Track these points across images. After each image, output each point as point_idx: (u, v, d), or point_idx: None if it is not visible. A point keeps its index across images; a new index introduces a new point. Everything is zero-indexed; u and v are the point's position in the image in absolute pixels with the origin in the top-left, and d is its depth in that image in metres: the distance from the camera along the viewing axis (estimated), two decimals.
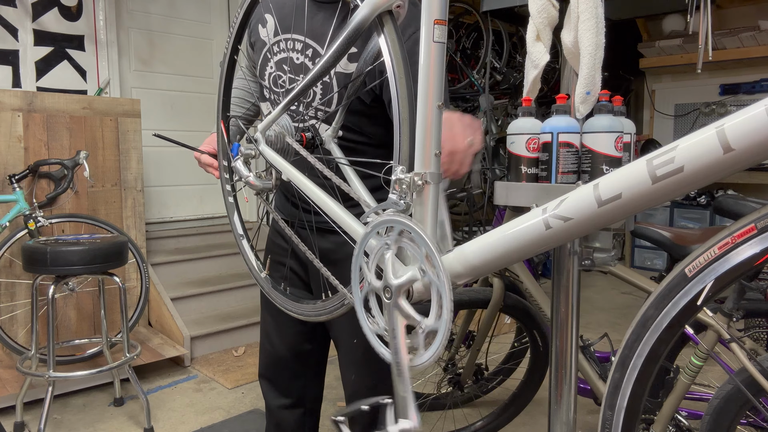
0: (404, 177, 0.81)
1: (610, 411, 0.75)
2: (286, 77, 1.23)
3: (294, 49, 1.22)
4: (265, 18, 1.26)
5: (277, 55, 1.24)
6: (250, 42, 1.32)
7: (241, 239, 1.26)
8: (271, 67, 1.25)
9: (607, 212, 0.64)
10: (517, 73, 4.52)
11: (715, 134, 0.56)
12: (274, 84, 1.25)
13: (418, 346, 0.81)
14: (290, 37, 1.22)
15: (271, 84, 1.26)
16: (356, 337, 1.30)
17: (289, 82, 1.23)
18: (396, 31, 0.86)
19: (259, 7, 1.25)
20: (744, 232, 0.63)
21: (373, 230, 0.84)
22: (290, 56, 1.22)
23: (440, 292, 0.76)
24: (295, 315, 1.12)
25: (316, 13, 1.20)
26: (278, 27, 1.23)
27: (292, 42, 1.22)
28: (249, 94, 1.43)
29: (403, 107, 0.84)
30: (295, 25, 1.21)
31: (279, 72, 1.24)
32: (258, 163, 1.18)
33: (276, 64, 1.24)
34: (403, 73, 0.84)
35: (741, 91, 4.67)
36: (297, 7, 1.22)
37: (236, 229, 1.27)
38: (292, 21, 1.21)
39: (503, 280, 1.85)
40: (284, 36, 1.22)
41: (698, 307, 0.67)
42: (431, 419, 2.23)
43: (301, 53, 1.21)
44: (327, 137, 1.18)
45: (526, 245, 0.72)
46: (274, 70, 1.25)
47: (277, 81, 1.25)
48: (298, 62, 1.21)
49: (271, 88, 1.26)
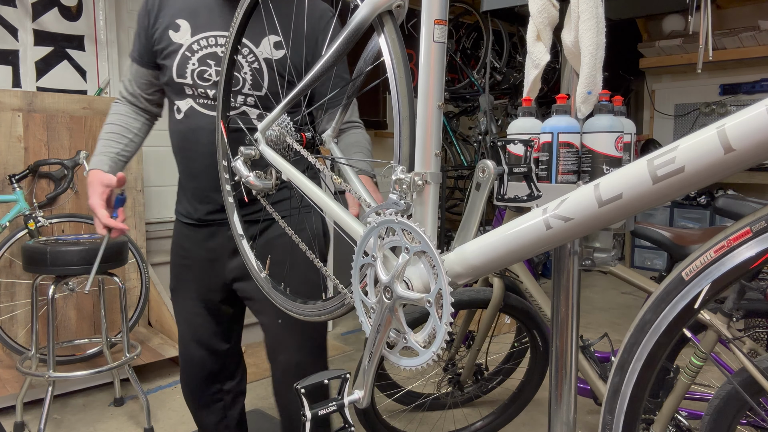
0: (404, 177, 0.81)
1: (609, 415, 0.75)
2: (212, 70, 1.34)
3: (217, 44, 1.33)
4: (176, 23, 1.34)
5: (198, 53, 1.33)
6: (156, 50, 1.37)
7: (241, 239, 1.26)
8: (193, 64, 1.33)
9: (607, 212, 0.64)
10: (517, 73, 4.52)
11: (715, 134, 0.56)
12: (200, 78, 1.33)
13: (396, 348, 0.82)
14: (210, 35, 1.33)
15: (195, 79, 1.33)
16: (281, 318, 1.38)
17: (216, 74, 1.34)
18: (396, 31, 0.86)
19: (164, 14, 1.35)
20: (740, 235, 0.63)
21: (373, 230, 0.84)
22: (215, 51, 1.33)
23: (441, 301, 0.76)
24: (296, 315, 1.12)
25: (231, 9, 1.32)
26: (194, 28, 1.33)
27: (214, 38, 1.33)
28: (126, 129, 1.47)
29: (403, 107, 0.84)
30: (212, 24, 1.33)
31: (203, 67, 1.33)
32: None
33: (199, 60, 1.33)
34: (403, 73, 0.84)
35: (741, 91, 4.67)
36: (209, 8, 1.35)
37: (236, 230, 1.27)
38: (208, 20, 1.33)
39: (503, 280, 1.85)
40: (204, 35, 1.33)
41: (695, 310, 0.67)
42: (431, 419, 2.23)
43: (224, 47, 1.30)
44: (327, 137, 1.18)
45: (526, 245, 0.71)
46: (197, 67, 1.33)
47: (203, 75, 1.33)
48: (222, 55, 1.31)
49: (195, 83, 1.34)
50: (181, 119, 1.38)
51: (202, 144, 1.36)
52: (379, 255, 0.84)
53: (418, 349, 0.81)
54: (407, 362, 0.83)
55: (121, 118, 1.48)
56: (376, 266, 0.85)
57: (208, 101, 1.36)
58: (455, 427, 2.15)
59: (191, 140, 1.37)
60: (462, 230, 0.82)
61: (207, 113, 1.36)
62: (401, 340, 0.85)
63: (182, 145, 1.41)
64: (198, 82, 1.34)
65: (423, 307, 0.79)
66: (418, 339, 0.82)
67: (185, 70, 1.33)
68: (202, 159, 1.37)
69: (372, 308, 0.87)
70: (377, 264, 0.84)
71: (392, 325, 0.84)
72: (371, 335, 0.86)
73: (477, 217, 0.80)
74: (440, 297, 0.76)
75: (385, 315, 0.83)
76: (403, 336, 0.84)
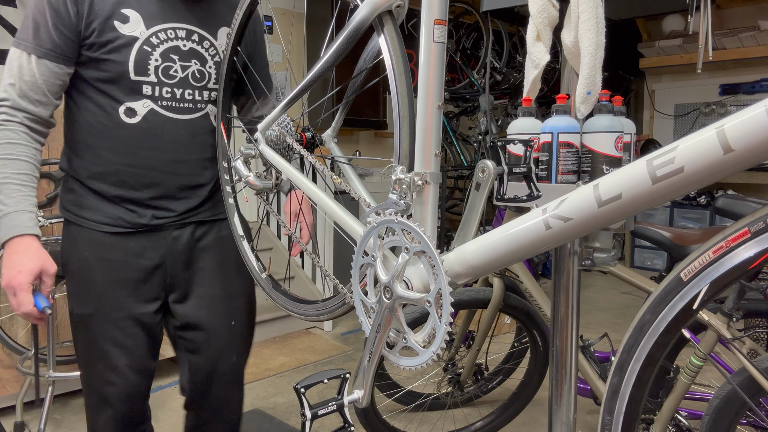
0: (404, 177, 0.81)
1: (609, 416, 0.75)
2: (178, 65, 1.22)
3: (178, 37, 1.22)
4: (122, 14, 1.16)
5: (159, 47, 1.19)
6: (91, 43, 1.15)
7: (241, 240, 1.26)
8: (156, 60, 1.19)
9: (607, 212, 0.64)
10: (517, 73, 4.52)
11: (715, 135, 0.56)
12: (165, 75, 1.21)
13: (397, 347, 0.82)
14: (168, 27, 1.20)
15: (160, 76, 1.20)
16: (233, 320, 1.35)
17: (181, 70, 1.22)
18: (396, 30, 0.86)
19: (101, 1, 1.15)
20: (738, 236, 0.63)
21: (372, 230, 0.84)
22: (177, 45, 1.21)
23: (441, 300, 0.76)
24: (296, 315, 1.12)
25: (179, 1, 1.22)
26: (147, 20, 1.18)
27: (173, 31, 1.21)
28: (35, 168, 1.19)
29: (403, 106, 0.84)
30: (166, 15, 1.20)
31: (168, 63, 1.21)
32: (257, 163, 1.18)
33: (162, 55, 1.20)
34: (403, 73, 0.84)
35: (741, 91, 4.67)
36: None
37: (236, 230, 1.27)
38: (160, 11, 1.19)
39: (503, 280, 1.85)
40: (161, 26, 1.20)
41: (694, 311, 0.67)
42: (431, 419, 2.23)
43: (187, 40, 1.23)
44: (327, 136, 1.18)
45: (526, 245, 0.72)
46: (160, 63, 1.20)
47: (168, 72, 1.21)
48: (186, 49, 1.22)
49: (160, 80, 1.20)
50: (135, 123, 1.20)
51: (163, 151, 1.23)
52: (379, 255, 0.84)
53: (417, 349, 0.81)
54: (407, 362, 0.84)
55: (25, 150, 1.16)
56: (375, 266, 0.85)
57: (173, 103, 1.23)
58: (455, 427, 2.15)
59: (148, 147, 1.21)
60: (462, 230, 0.82)
61: (171, 116, 1.23)
62: (401, 339, 0.85)
63: (134, 153, 1.21)
64: (163, 80, 1.20)
65: (423, 306, 0.79)
66: (417, 339, 0.82)
67: (147, 66, 1.18)
68: (162, 167, 1.23)
69: (372, 308, 0.87)
70: (377, 264, 0.84)
71: (392, 325, 0.84)
72: (371, 335, 0.86)
73: (477, 217, 0.80)
74: (440, 297, 0.76)
75: (384, 315, 0.83)
76: (402, 336, 0.84)
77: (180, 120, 1.24)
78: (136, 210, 1.24)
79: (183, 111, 1.24)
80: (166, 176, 1.24)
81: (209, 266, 1.33)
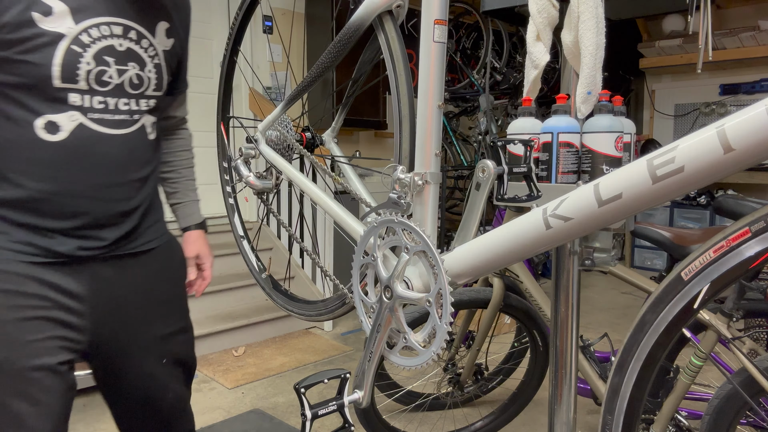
0: (404, 177, 0.81)
1: (609, 415, 0.76)
2: (113, 70, 0.99)
3: (113, 34, 0.99)
4: (44, 3, 0.93)
5: (91, 47, 0.97)
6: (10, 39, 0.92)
7: (241, 240, 1.26)
8: (87, 64, 0.96)
9: (607, 212, 0.64)
10: (517, 73, 4.52)
11: (715, 134, 0.56)
12: (98, 82, 0.98)
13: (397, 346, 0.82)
14: (101, 22, 0.98)
15: (92, 84, 0.98)
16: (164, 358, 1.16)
17: (117, 75, 1.00)
18: (396, 30, 0.86)
19: None
20: (739, 235, 0.63)
21: (373, 230, 0.84)
22: (112, 44, 0.99)
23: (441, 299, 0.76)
24: (296, 315, 1.12)
25: None
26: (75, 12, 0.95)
27: (107, 27, 0.99)
28: None
29: (403, 106, 0.84)
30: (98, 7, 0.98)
31: (102, 67, 0.98)
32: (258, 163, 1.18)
33: (95, 58, 0.97)
34: (403, 72, 0.84)
35: (741, 91, 4.67)
36: None
37: (237, 231, 1.27)
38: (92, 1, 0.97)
39: (503, 280, 1.85)
40: (93, 21, 0.97)
41: (695, 310, 0.67)
42: (431, 419, 2.23)
43: (123, 38, 1.01)
44: (327, 136, 1.19)
45: (526, 245, 0.72)
46: (93, 67, 0.97)
47: (101, 78, 0.98)
48: (122, 49, 1.01)
49: (92, 89, 0.98)
50: (59, 141, 0.97)
51: (94, 174, 1.00)
52: (379, 255, 0.84)
53: (418, 348, 0.81)
54: (407, 362, 0.84)
55: None
56: (376, 266, 0.85)
57: (107, 115, 1.00)
58: (455, 427, 2.15)
59: (76, 170, 0.99)
60: (462, 230, 0.82)
61: (104, 131, 1.00)
62: (401, 339, 0.85)
63: (54, 177, 0.98)
64: (95, 88, 0.98)
65: (423, 306, 0.79)
66: (418, 339, 0.82)
67: (76, 71, 0.95)
68: (92, 193, 1.01)
69: (372, 308, 0.87)
70: (377, 264, 0.85)
71: (392, 325, 0.84)
72: (371, 335, 0.86)
73: (477, 217, 0.81)
74: (440, 297, 0.76)
75: (385, 314, 0.83)
76: (403, 336, 0.84)
77: (115, 135, 1.02)
78: (55, 237, 1.00)
79: (118, 124, 1.02)
80: (96, 203, 1.01)
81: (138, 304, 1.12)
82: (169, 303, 1.17)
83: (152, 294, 1.13)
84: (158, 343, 1.14)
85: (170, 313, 1.17)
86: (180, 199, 1.26)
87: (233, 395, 2.63)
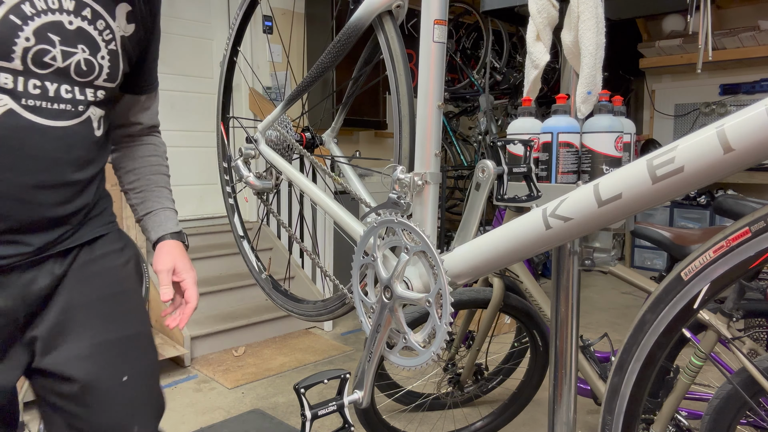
0: (404, 177, 0.81)
1: (609, 415, 0.76)
2: (57, 51, 0.83)
3: (63, 9, 0.84)
4: None
5: (33, 21, 0.81)
6: None
7: (241, 240, 1.26)
8: (26, 40, 0.80)
9: (607, 212, 0.64)
10: (517, 73, 4.52)
11: (715, 134, 0.56)
12: (36, 63, 0.82)
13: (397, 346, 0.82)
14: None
15: (29, 63, 0.81)
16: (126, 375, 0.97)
17: (62, 58, 0.84)
18: (396, 30, 0.86)
19: None
20: (739, 236, 0.63)
21: (373, 230, 0.84)
22: (60, 20, 0.84)
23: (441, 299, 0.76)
24: (296, 315, 1.12)
25: None
26: None
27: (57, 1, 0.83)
28: None
29: (403, 106, 0.84)
30: None
31: (43, 45, 0.82)
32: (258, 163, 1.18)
33: (36, 34, 0.81)
34: (403, 72, 0.84)
35: (741, 91, 4.67)
36: None
37: (237, 231, 1.27)
38: None
39: (503, 280, 1.85)
40: None
41: (695, 310, 0.67)
42: (431, 419, 2.23)
43: (75, 15, 0.85)
44: (327, 136, 1.19)
45: (526, 245, 0.72)
46: (33, 44, 0.81)
47: (42, 59, 0.82)
48: (72, 28, 0.85)
49: (27, 69, 0.81)
50: None
51: (20, 171, 0.83)
52: (379, 255, 0.84)
53: (417, 348, 0.81)
54: (407, 362, 0.84)
55: None
56: (376, 266, 0.85)
57: (44, 102, 0.84)
58: (455, 427, 2.15)
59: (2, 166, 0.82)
60: (462, 230, 0.82)
61: (38, 122, 0.83)
62: (401, 340, 0.85)
63: None
64: (32, 69, 0.82)
65: (423, 306, 0.79)
66: (417, 339, 0.82)
67: (11, 46, 0.79)
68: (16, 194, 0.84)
69: (372, 308, 0.87)
70: (377, 264, 0.85)
71: (392, 325, 0.84)
72: (371, 335, 0.86)
73: (477, 217, 0.81)
74: (440, 297, 0.76)
75: (384, 315, 0.83)
76: (403, 336, 0.84)
77: (52, 127, 0.85)
78: None
79: (57, 115, 0.86)
80: (20, 206, 0.85)
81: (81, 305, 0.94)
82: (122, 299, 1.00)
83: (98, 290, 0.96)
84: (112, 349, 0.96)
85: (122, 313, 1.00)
86: (149, 208, 1.09)
87: (233, 395, 2.63)
